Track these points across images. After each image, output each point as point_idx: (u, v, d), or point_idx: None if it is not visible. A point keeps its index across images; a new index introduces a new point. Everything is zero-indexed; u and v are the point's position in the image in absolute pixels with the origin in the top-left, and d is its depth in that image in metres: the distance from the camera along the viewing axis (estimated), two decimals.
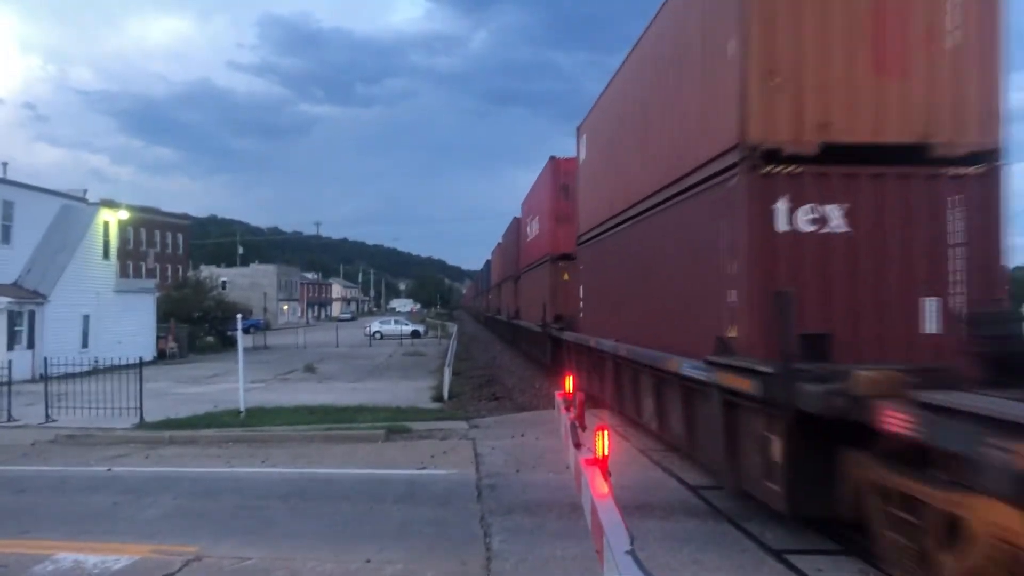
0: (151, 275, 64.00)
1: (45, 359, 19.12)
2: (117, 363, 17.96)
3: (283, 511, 8.76)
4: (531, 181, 30.71)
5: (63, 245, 29.68)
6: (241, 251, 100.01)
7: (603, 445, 6.30)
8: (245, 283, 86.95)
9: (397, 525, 8.07)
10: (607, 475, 6.13)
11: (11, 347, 25.51)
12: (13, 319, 26.15)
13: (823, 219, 7.29)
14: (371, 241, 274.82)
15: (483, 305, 69.01)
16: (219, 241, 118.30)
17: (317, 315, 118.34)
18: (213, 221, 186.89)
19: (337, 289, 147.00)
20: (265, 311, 79.75)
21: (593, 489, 5.68)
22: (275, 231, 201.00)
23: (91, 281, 30.94)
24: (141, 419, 15.45)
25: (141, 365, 16.92)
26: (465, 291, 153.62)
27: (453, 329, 51.75)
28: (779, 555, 6.76)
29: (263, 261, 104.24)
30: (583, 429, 8.21)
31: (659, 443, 11.74)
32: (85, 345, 29.34)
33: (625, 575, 3.76)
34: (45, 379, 17.62)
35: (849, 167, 7.30)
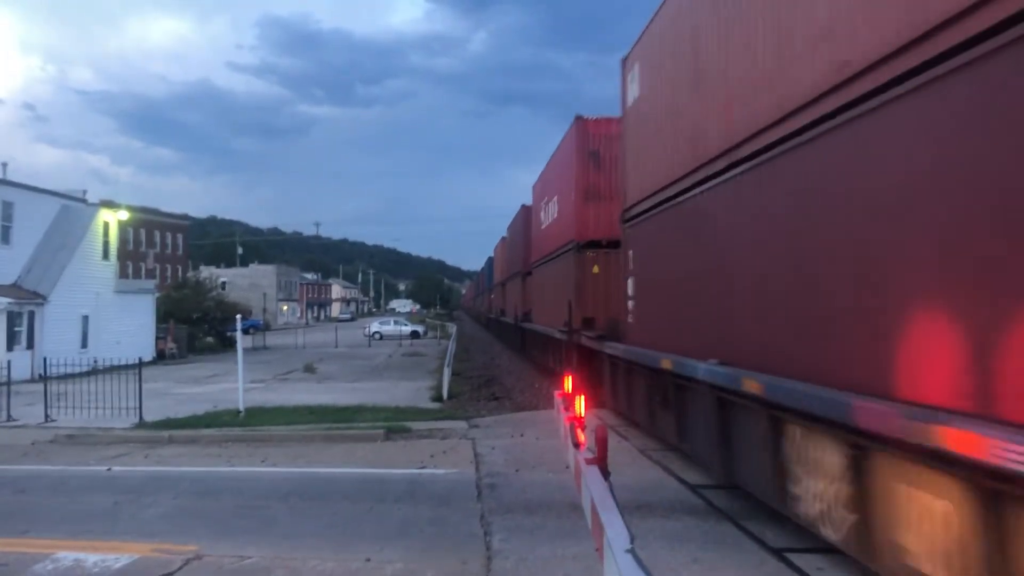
0: (151, 275, 64.09)
1: (44, 359, 19.12)
2: (116, 363, 17.97)
3: (283, 510, 8.76)
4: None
5: (63, 245, 29.68)
6: (241, 251, 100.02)
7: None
8: (244, 283, 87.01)
9: (397, 524, 8.06)
10: (583, 428, 7.53)
11: (10, 347, 25.53)
12: (12, 319, 26.15)
13: None
14: (371, 241, 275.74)
15: (485, 306, 65.70)
16: (219, 241, 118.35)
17: (316, 316, 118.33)
18: (213, 221, 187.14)
19: (336, 289, 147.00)
20: (264, 311, 79.76)
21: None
22: (275, 231, 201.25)
23: (91, 281, 30.94)
24: (141, 419, 15.45)
25: (140, 365, 16.93)
26: (465, 291, 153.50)
27: (453, 330, 51.77)
28: (779, 554, 6.76)
29: (263, 261, 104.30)
30: (583, 429, 8.21)
31: (659, 443, 11.74)
32: (84, 345, 29.36)
33: (625, 574, 3.76)
34: (44, 379, 17.63)
35: None
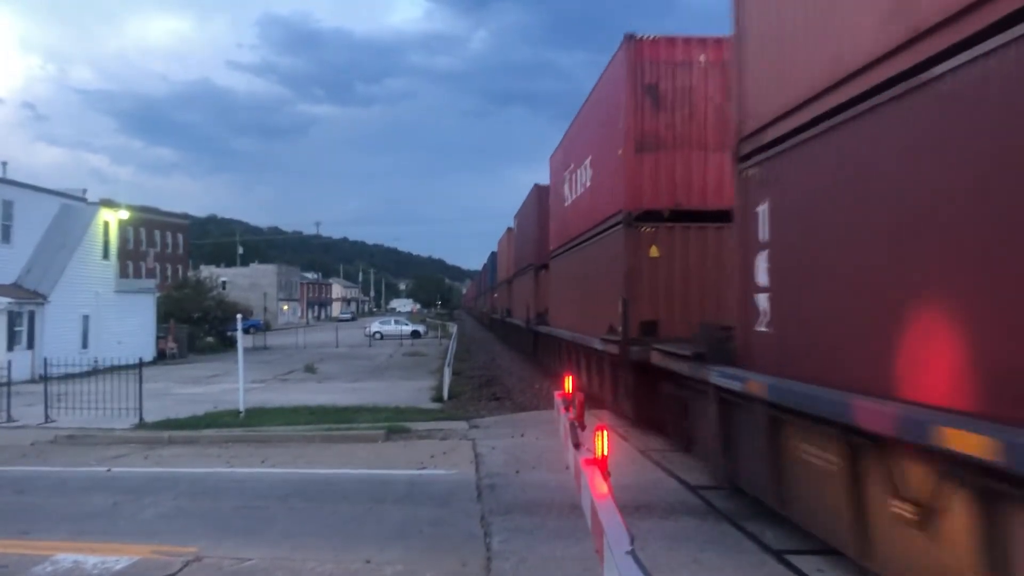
0: (151, 275, 64.04)
1: (45, 359, 19.11)
2: (117, 363, 17.97)
3: (283, 511, 8.75)
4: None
5: (63, 245, 29.68)
6: (241, 251, 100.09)
7: (602, 445, 6.16)
8: (245, 283, 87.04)
9: (397, 525, 8.06)
10: (606, 475, 5.99)
11: (11, 347, 25.52)
12: (13, 319, 26.14)
13: None
14: (371, 241, 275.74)
15: (488, 305, 61.08)
16: (219, 241, 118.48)
17: (317, 315, 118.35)
18: (213, 221, 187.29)
19: (337, 289, 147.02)
20: (265, 311, 79.76)
21: (593, 489, 5.61)
22: (275, 231, 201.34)
23: (91, 281, 30.94)
24: (141, 419, 15.45)
25: (141, 365, 16.92)
26: (466, 291, 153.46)
27: (453, 329, 51.77)
28: (779, 555, 6.76)
29: (263, 261, 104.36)
30: (582, 429, 8.20)
31: (659, 443, 11.74)
32: (85, 345, 29.35)
33: (625, 575, 3.75)
34: (45, 379, 17.60)
35: None
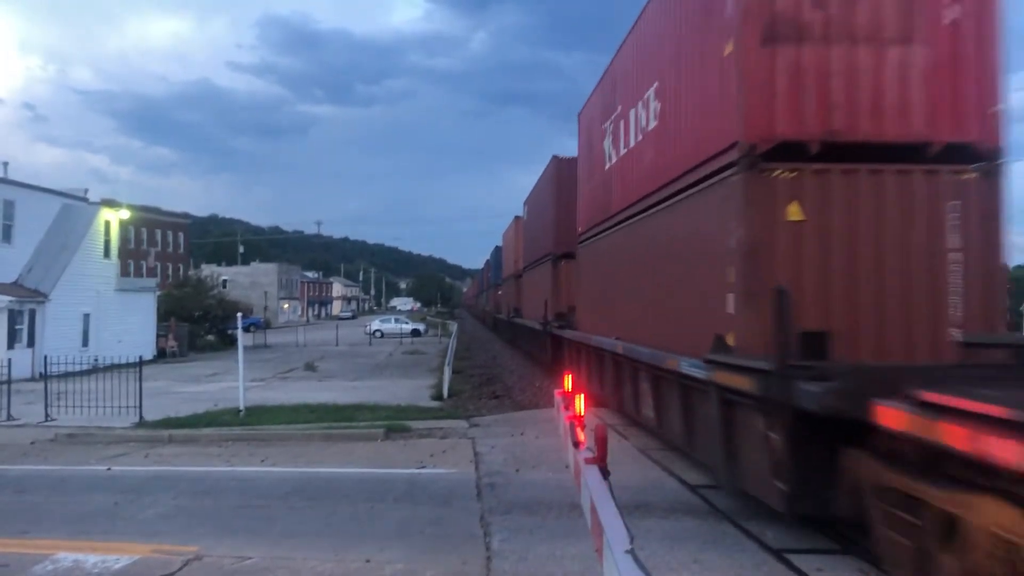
0: (152, 274, 64.12)
1: (45, 358, 19.10)
2: (117, 362, 17.95)
3: (283, 510, 8.75)
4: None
5: (64, 244, 29.68)
6: (242, 250, 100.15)
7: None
8: (246, 282, 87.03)
9: (397, 524, 8.06)
10: (583, 427, 7.17)
11: (11, 346, 25.52)
12: (14, 318, 26.15)
13: None
14: (372, 240, 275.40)
15: (491, 304, 56.10)
16: (220, 240, 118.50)
17: (318, 314, 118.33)
18: (214, 220, 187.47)
19: (338, 288, 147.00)
20: (265, 310, 79.76)
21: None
22: (276, 230, 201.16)
23: (92, 280, 30.94)
24: (141, 418, 15.45)
25: (141, 364, 16.93)
26: (466, 290, 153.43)
27: (453, 328, 51.76)
28: (779, 555, 6.75)
29: (264, 260, 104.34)
30: (582, 428, 8.21)
31: (659, 443, 11.73)
32: (85, 344, 29.35)
33: (625, 574, 3.75)
34: (45, 378, 17.60)
35: None
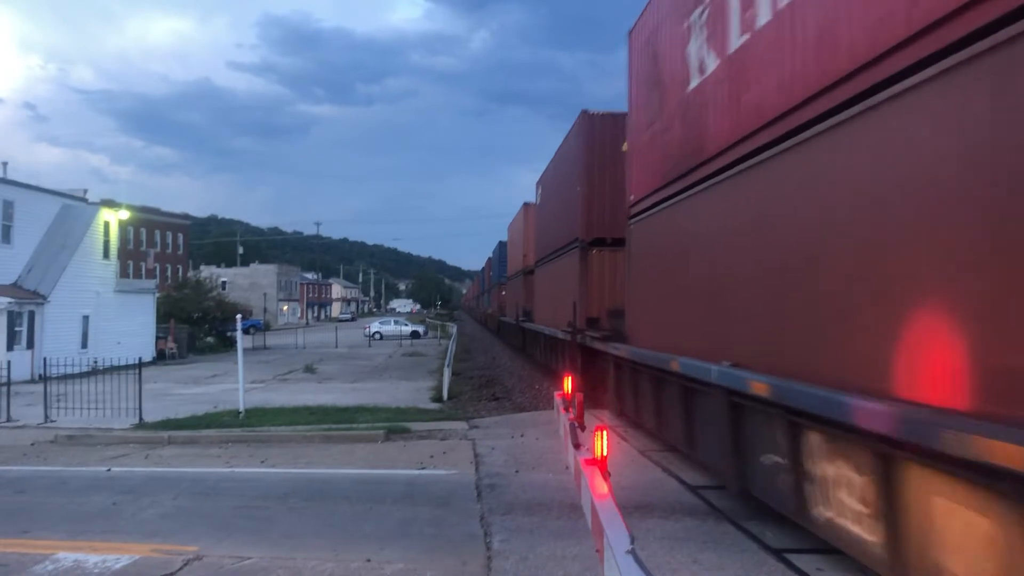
0: (151, 275, 64.05)
1: (44, 359, 19.10)
2: (116, 363, 17.96)
3: (283, 511, 8.75)
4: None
5: (63, 245, 29.68)
6: (241, 251, 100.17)
7: (602, 445, 6.25)
8: (245, 283, 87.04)
9: (397, 525, 8.06)
10: (606, 475, 6.06)
11: (10, 347, 25.51)
12: (13, 319, 26.14)
13: None
14: (371, 241, 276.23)
15: (494, 306, 52.65)
16: (219, 241, 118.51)
17: (317, 315, 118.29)
18: (213, 221, 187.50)
19: (337, 289, 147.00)
20: (265, 311, 79.74)
21: (593, 489, 5.66)
22: (275, 231, 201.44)
23: (91, 281, 30.94)
24: (140, 419, 15.45)
25: (140, 365, 16.93)
26: (466, 291, 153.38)
27: (453, 330, 51.76)
28: (779, 554, 6.76)
29: (263, 261, 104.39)
30: (582, 429, 8.22)
31: (659, 444, 11.73)
32: (85, 345, 29.35)
33: (626, 575, 3.76)
34: (44, 379, 17.59)
35: None
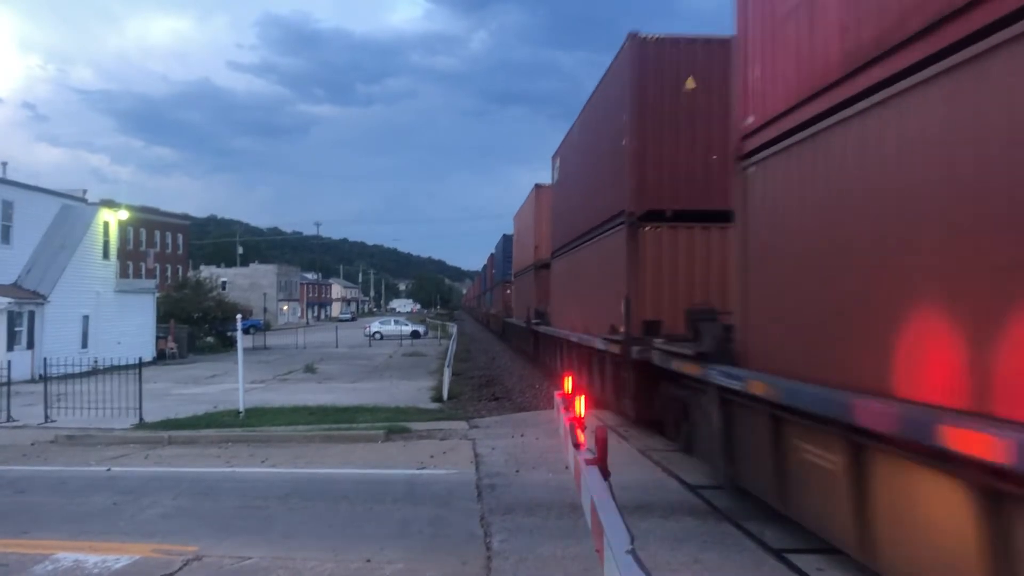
0: (151, 275, 64.05)
1: (44, 359, 19.10)
2: (116, 363, 17.95)
3: (283, 511, 8.76)
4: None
5: (63, 245, 29.66)
6: (241, 251, 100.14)
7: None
8: (245, 283, 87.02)
9: (397, 525, 8.07)
10: (583, 428, 7.48)
11: (10, 347, 25.50)
12: (13, 319, 26.13)
13: None
14: (371, 241, 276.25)
15: (496, 306, 50.62)
16: (219, 241, 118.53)
17: (317, 315, 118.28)
18: (213, 221, 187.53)
19: (337, 289, 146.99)
20: (265, 311, 79.71)
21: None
22: (275, 231, 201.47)
23: (91, 281, 30.93)
24: (140, 419, 15.45)
25: (140, 365, 16.93)
26: (466, 291, 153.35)
27: (453, 330, 51.75)
28: (779, 554, 6.76)
29: (263, 261, 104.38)
30: (582, 430, 8.22)
31: (660, 444, 11.74)
32: (85, 345, 29.34)
33: (625, 574, 3.75)
34: (44, 379, 17.59)
35: None
